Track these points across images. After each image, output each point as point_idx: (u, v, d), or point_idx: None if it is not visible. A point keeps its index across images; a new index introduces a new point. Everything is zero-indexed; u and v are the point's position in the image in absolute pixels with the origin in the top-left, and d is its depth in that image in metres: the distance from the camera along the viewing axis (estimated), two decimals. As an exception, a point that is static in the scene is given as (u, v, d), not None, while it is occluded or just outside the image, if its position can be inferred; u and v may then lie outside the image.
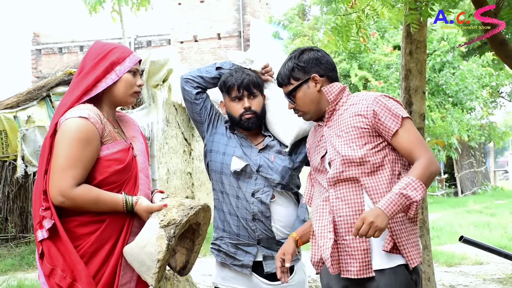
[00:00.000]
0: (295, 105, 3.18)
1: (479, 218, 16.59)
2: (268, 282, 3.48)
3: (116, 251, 2.99)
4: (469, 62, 21.22)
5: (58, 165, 2.90)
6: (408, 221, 2.99)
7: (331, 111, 3.11)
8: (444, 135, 21.77)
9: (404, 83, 6.28)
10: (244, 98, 3.50)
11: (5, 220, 10.48)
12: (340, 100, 3.11)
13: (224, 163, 3.50)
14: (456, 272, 9.39)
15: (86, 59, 3.12)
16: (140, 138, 3.28)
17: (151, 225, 2.93)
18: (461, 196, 27.50)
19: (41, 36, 26.77)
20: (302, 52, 3.19)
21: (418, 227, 3.14)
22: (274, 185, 3.47)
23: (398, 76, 18.79)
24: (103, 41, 3.28)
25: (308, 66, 3.14)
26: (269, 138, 3.59)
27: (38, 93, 10.31)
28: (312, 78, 3.12)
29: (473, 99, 21.68)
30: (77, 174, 2.90)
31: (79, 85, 3.04)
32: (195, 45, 23.78)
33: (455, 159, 27.93)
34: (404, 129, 2.96)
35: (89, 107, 3.00)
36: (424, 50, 6.31)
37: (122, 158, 3.03)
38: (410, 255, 2.95)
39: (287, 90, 3.18)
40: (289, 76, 3.16)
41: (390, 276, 2.94)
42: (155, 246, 2.86)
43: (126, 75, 3.09)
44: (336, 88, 3.11)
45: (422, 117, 6.27)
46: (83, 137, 2.91)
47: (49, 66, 23.65)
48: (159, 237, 2.87)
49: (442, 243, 12.05)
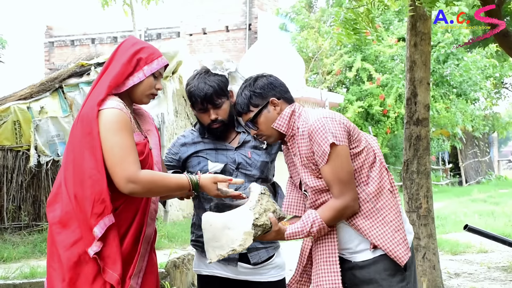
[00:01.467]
0: (258, 130, 3.18)
1: (483, 207, 16.64)
2: (250, 266, 3.55)
3: (126, 242, 3.00)
4: (473, 54, 21.27)
5: (117, 155, 2.90)
6: (388, 224, 3.04)
7: (290, 137, 3.14)
8: (448, 126, 21.85)
9: (409, 74, 6.39)
10: (209, 110, 3.49)
11: (18, 208, 10.59)
12: (294, 123, 3.12)
13: (202, 170, 3.49)
14: (461, 260, 9.44)
15: (118, 52, 3.11)
16: (154, 131, 3.28)
17: (245, 215, 2.90)
18: (465, 185, 27.58)
19: (54, 29, 26.81)
20: (256, 80, 3.20)
21: (423, 217, 3.15)
22: (254, 180, 3.51)
23: (403, 67, 18.87)
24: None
25: (264, 91, 3.15)
26: (244, 135, 3.61)
27: (51, 84, 10.44)
28: (270, 102, 3.13)
29: (477, 90, 21.71)
30: (136, 160, 2.93)
31: (111, 76, 3.04)
32: (204, 37, 23.81)
33: (460, 149, 28.00)
34: (328, 165, 2.96)
35: (118, 100, 3.03)
36: (428, 42, 6.40)
37: (142, 150, 3.04)
38: (397, 254, 3.02)
39: (248, 117, 3.18)
40: (248, 104, 3.16)
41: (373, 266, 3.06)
42: (239, 237, 2.85)
43: (150, 78, 3.10)
44: (285, 118, 3.13)
45: (427, 108, 6.36)
46: (128, 126, 2.96)
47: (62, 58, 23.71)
48: (247, 233, 2.86)
49: (447, 231, 12.10)
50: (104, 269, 2.91)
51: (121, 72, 3.04)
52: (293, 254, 3.71)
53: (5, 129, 10.33)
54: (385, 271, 3.03)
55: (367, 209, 3.03)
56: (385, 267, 3.03)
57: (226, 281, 3.57)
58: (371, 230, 3.02)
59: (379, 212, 3.04)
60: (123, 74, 3.04)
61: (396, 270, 3.04)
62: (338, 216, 3.00)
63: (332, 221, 3.01)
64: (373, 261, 3.04)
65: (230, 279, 3.56)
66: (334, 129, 2.96)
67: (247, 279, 3.55)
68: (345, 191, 2.98)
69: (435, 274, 6.43)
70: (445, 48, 19.79)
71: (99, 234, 2.89)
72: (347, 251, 3.10)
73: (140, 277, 3.06)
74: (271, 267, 3.59)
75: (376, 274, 3.03)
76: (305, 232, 2.99)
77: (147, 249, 3.12)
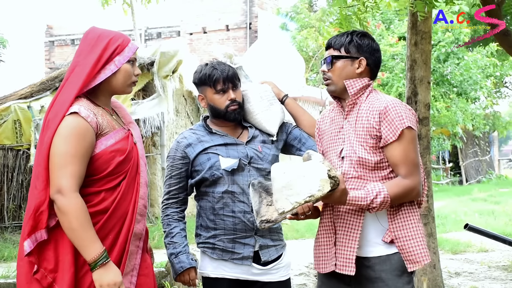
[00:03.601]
0: (329, 70, 3.17)
1: (483, 206, 16.64)
2: (260, 267, 3.51)
3: (120, 240, 2.95)
4: (474, 53, 21.24)
5: (57, 163, 2.82)
6: (415, 223, 3.05)
7: (351, 104, 3.12)
8: (449, 125, 21.82)
9: (409, 74, 6.38)
10: (229, 90, 3.49)
11: (18, 207, 10.61)
12: (361, 95, 3.12)
13: (213, 166, 3.46)
14: (461, 259, 9.43)
15: (84, 47, 3.00)
16: (135, 124, 3.22)
17: (317, 166, 2.81)
18: (465, 184, 27.56)
19: (54, 28, 26.84)
20: (365, 35, 3.19)
21: (423, 216, 3.15)
22: (266, 174, 3.49)
23: (403, 66, 18.86)
24: (99, 27, 3.12)
25: (363, 48, 3.13)
26: (252, 130, 3.60)
27: (51, 83, 10.48)
28: (359, 60, 3.12)
29: (477, 89, 21.69)
30: (75, 174, 2.81)
31: (80, 75, 2.93)
32: (204, 36, 23.81)
33: (460, 148, 27.99)
34: (399, 143, 2.97)
35: (83, 102, 2.94)
36: (429, 41, 6.39)
37: (123, 148, 2.98)
38: (416, 253, 3.01)
39: (331, 53, 3.17)
40: (343, 44, 3.14)
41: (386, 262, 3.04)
42: (316, 183, 2.76)
43: (125, 65, 3.01)
44: (360, 84, 3.11)
45: (427, 107, 6.36)
46: (80, 135, 2.85)
47: (62, 57, 23.73)
48: (324, 180, 2.76)
49: (447, 230, 12.10)
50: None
51: (91, 70, 2.93)
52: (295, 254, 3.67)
53: (5, 128, 10.35)
54: (393, 271, 3.02)
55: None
56: (394, 267, 3.02)
57: (235, 283, 3.51)
58: (398, 224, 3.03)
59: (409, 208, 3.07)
60: (93, 71, 2.93)
61: (403, 271, 3.03)
62: (404, 195, 2.98)
63: (396, 199, 2.96)
64: (383, 259, 3.03)
65: (240, 280, 3.50)
66: (410, 114, 3.01)
67: (257, 279, 3.51)
68: (414, 173, 2.99)
69: (436, 273, 6.43)
70: (446, 47, 19.78)
71: (28, 249, 2.83)
72: (366, 243, 3.06)
73: (133, 276, 3.01)
74: (280, 267, 3.57)
75: (382, 273, 3.02)
76: (367, 200, 2.90)
77: (139, 246, 3.06)
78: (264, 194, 3.08)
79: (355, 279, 3.06)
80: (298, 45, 21.44)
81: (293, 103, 3.75)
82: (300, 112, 3.74)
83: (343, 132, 3.14)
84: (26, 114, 10.32)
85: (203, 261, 3.59)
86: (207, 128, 3.58)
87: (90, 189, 2.91)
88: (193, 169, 3.53)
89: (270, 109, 3.62)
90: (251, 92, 3.64)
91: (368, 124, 3.03)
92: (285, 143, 3.71)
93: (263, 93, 3.67)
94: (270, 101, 3.66)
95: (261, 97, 3.63)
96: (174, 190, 3.56)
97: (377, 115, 3.01)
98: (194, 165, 3.52)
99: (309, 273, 7.92)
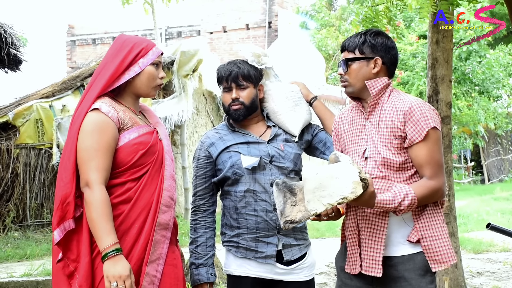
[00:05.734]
0: (345, 73, 3.19)
1: (506, 205, 16.55)
2: (283, 267, 3.51)
3: (145, 230, 3.06)
4: (496, 51, 21.07)
5: (83, 157, 3.01)
6: (440, 223, 3.05)
7: (372, 105, 3.11)
8: (470, 123, 21.68)
9: (430, 72, 6.35)
10: (232, 90, 3.51)
11: (41, 206, 10.70)
12: (382, 95, 3.12)
13: (235, 164, 3.48)
14: (484, 259, 9.40)
15: (110, 52, 3.18)
16: (162, 123, 3.36)
17: (348, 167, 2.80)
18: (488, 183, 27.33)
19: (75, 28, 27.00)
20: (378, 34, 3.18)
21: (445, 215, 3.14)
22: (288, 173, 3.50)
23: (424, 65, 18.74)
24: (129, 34, 3.35)
25: (377, 47, 3.12)
26: (275, 128, 3.61)
27: (72, 83, 10.56)
28: (374, 60, 3.12)
29: (499, 88, 21.50)
30: (100, 167, 2.98)
31: (103, 76, 3.10)
32: (224, 35, 23.82)
33: (482, 147, 27.78)
34: (425, 143, 2.98)
35: (106, 100, 3.09)
36: (450, 39, 6.35)
37: (146, 141, 3.10)
38: (443, 252, 3.01)
39: (346, 56, 3.18)
40: (357, 46, 3.14)
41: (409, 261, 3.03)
42: (349, 184, 2.75)
43: (149, 68, 3.15)
44: (380, 83, 3.10)
45: (449, 106, 6.33)
46: (103, 129, 3.01)
47: (83, 56, 23.88)
48: (357, 182, 2.75)
49: (469, 230, 12.07)
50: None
51: (115, 71, 3.10)
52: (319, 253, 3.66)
53: (27, 127, 10.43)
54: (416, 270, 3.01)
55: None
56: (417, 266, 3.01)
57: (258, 282, 3.51)
58: (423, 223, 3.03)
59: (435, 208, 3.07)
60: (116, 72, 3.10)
61: (426, 271, 3.02)
62: (430, 196, 2.99)
63: (423, 200, 2.96)
64: (407, 259, 3.02)
65: (263, 279, 3.51)
66: (434, 115, 3.02)
67: (281, 279, 3.51)
68: (439, 174, 3.01)
69: (457, 273, 6.40)
70: (467, 45, 19.61)
71: (57, 238, 3.00)
72: (390, 243, 3.05)
73: (160, 265, 3.11)
74: (304, 267, 3.57)
75: (406, 272, 3.01)
76: (395, 202, 2.89)
77: (166, 236, 3.15)
78: (288, 194, 3.07)
79: (378, 278, 3.05)
80: (317, 44, 21.38)
81: (321, 106, 3.73)
82: (327, 115, 3.71)
83: (365, 133, 3.14)
84: (48, 113, 10.40)
85: (228, 259, 3.62)
86: (230, 127, 3.61)
87: (116, 181, 3.05)
88: (216, 167, 3.56)
89: (295, 109, 3.62)
90: (276, 92, 3.65)
91: (392, 124, 3.01)
92: (309, 145, 3.70)
93: (289, 93, 3.66)
94: (296, 102, 3.65)
95: (287, 97, 3.64)
96: (201, 190, 3.60)
97: (402, 116, 3.00)
98: (217, 164, 3.55)
99: (330, 272, 7.92)
